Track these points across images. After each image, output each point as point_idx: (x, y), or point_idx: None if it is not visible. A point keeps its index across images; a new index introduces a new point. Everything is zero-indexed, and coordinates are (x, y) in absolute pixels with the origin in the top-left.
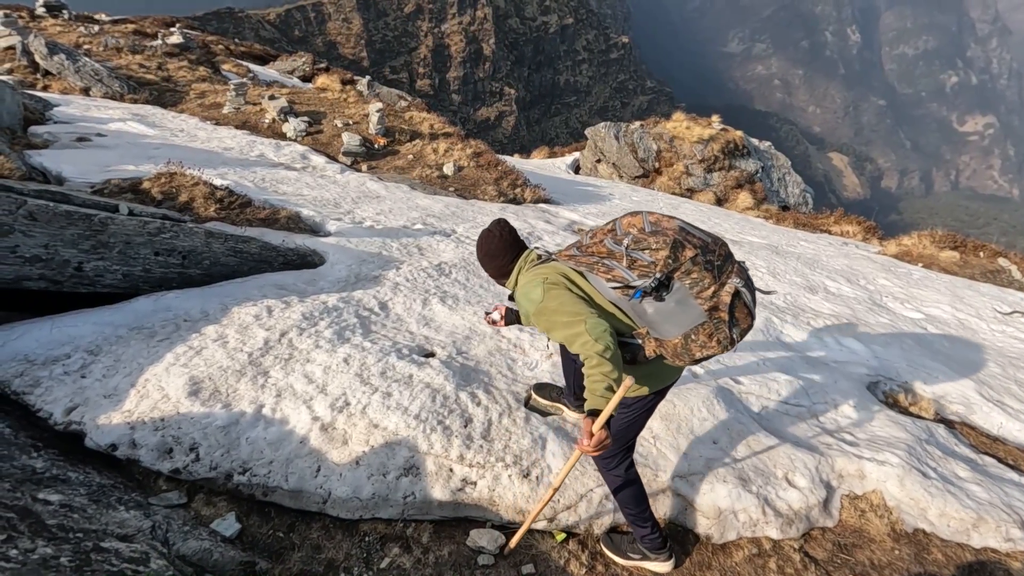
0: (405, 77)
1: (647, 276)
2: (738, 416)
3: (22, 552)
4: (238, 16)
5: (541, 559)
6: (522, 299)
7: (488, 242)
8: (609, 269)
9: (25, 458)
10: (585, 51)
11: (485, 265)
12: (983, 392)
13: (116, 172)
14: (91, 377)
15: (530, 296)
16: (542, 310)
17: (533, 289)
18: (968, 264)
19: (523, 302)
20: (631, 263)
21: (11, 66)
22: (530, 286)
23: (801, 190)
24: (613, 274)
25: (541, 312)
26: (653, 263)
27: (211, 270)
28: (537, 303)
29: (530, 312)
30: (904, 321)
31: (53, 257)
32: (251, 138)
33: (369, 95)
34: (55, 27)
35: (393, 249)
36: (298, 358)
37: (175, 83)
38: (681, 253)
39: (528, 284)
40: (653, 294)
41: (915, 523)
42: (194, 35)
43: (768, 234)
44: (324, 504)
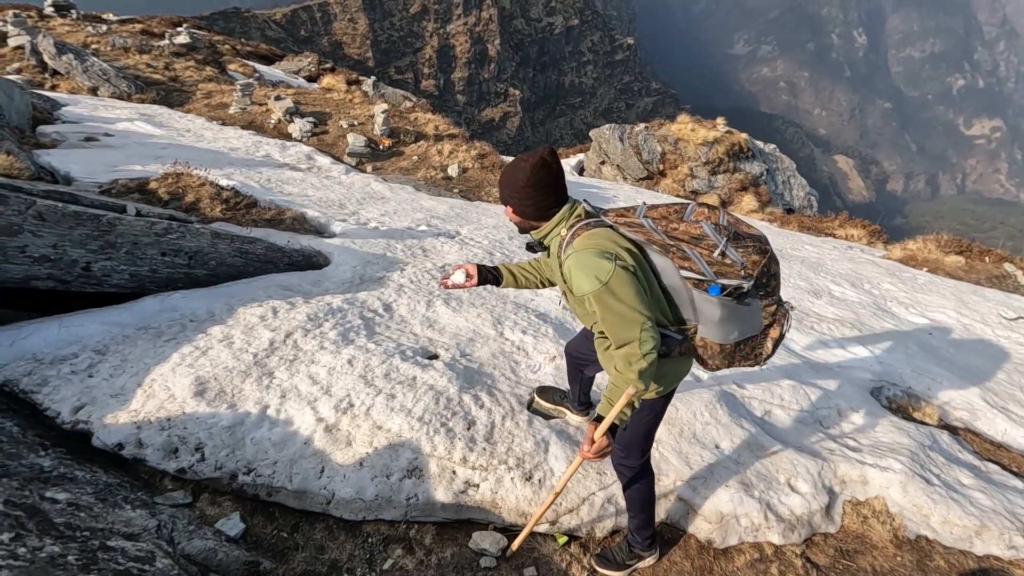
0: (410, 77)
1: (727, 276)
2: (741, 421)
3: (30, 550)
4: (245, 16)
5: (543, 562)
6: (575, 267)
7: (542, 171)
8: (686, 257)
9: (33, 456)
10: (590, 52)
11: (524, 198)
12: (988, 398)
13: (123, 172)
14: (98, 376)
15: (591, 269)
16: (603, 294)
17: (598, 263)
18: (974, 269)
19: (576, 272)
20: (718, 257)
21: (20, 65)
22: (592, 257)
23: (806, 193)
24: (690, 263)
25: (601, 295)
26: (743, 265)
27: (217, 271)
28: (600, 284)
29: (584, 287)
30: (908, 326)
31: (61, 257)
32: (257, 138)
33: (374, 96)
34: (63, 27)
35: (397, 250)
36: (303, 359)
37: (182, 83)
38: (774, 264)
39: (589, 254)
40: (736, 296)
41: (918, 530)
42: (201, 35)
43: (772, 237)
44: (328, 505)
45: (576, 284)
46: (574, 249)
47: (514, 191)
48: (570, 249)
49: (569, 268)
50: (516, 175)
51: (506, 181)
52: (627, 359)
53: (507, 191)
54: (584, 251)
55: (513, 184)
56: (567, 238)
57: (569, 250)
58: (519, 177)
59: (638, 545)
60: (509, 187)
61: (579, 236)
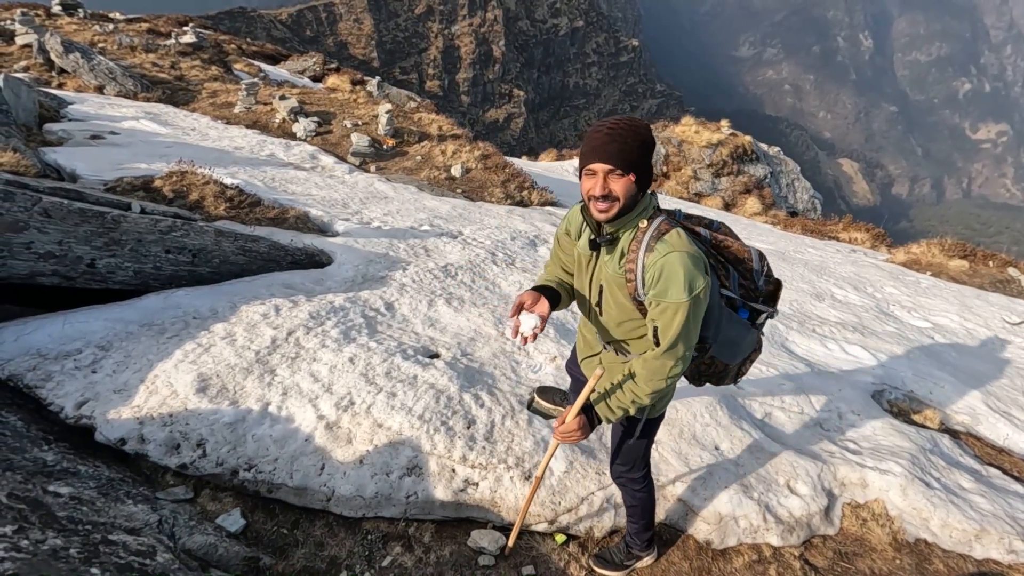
0: (415, 78)
1: (750, 299)
2: (740, 422)
3: (33, 543)
4: (250, 16)
5: (541, 561)
6: (675, 267)
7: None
8: (728, 276)
9: (36, 451)
10: (595, 54)
11: (648, 163)
12: (990, 403)
13: (129, 170)
14: (102, 372)
15: (690, 277)
16: (685, 307)
17: (696, 273)
18: (977, 273)
19: (674, 273)
20: (756, 283)
21: (27, 63)
22: (692, 264)
23: (810, 196)
24: (727, 282)
25: (681, 308)
26: (759, 292)
27: (220, 268)
28: (688, 297)
29: (672, 294)
30: (911, 330)
31: (66, 253)
32: (261, 137)
33: (379, 96)
34: (71, 25)
35: (400, 250)
36: (304, 357)
37: (187, 82)
38: (780, 293)
39: (689, 258)
40: (755, 320)
41: (917, 533)
42: (207, 34)
43: (775, 240)
44: (328, 502)
45: (664, 286)
46: (672, 247)
47: (643, 153)
48: (665, 245)
49: (662, 266)
50: (639, 135)
51: (628, 144)
52: (653, 375)
53: (633, 155)
54: (686, 253)
55: (642, 145)
56: (650, 231)
57: (663, 246)
58: (644, 136)
59: (636, 546)
60: (635, 150)
61: (669, 232)
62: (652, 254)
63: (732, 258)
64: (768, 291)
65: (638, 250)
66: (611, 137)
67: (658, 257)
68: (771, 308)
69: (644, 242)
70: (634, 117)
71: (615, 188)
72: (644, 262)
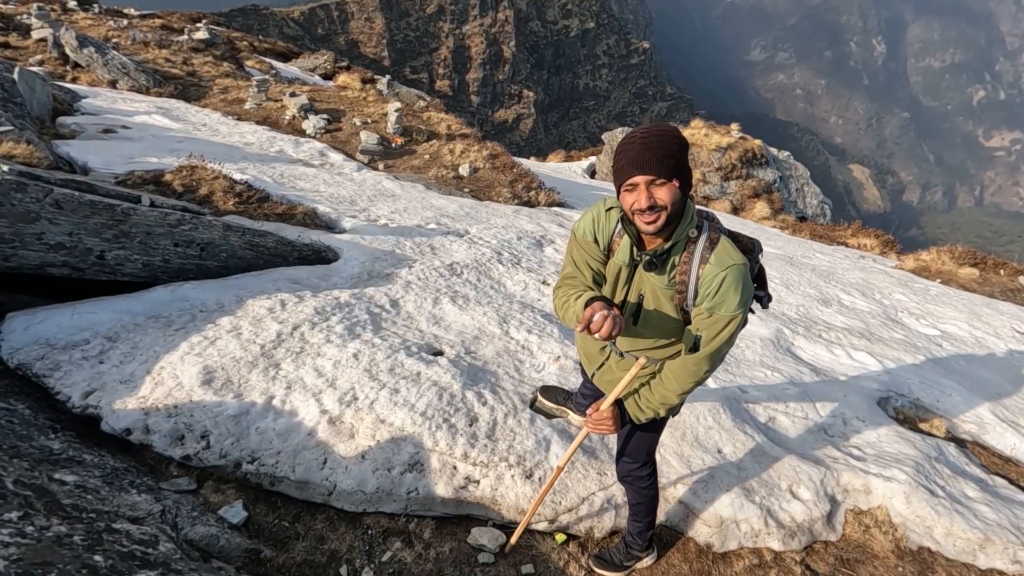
0: (425, 77)
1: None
2: (744, 426)
3: (37, 529)
4: (263, 13)
5: (541, 560)
6: (734, 281)
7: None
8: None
9: (43, 439)
10: (605, 56)
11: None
12: (997, 412)
13: (139, 164)
14: (108, 363)
15: (746, 291)
16: (736, 320)
17: (750, 286)
18: (988, 282)
19: (733, 287)
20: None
21: (42, 57)
22: (746, 273)
23: (819, 201)
24: None
25: (733, 320)
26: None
27: (228, 262)
28: (741, 311)
29: (731, 307)
30: (919, 337)
31: (76, 245)
32: (271, 134)
33: (388, 94)
34: (85, 20)
35: (406, 247)
36: (309, 352)
37: (199, 78)
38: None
39: (743, 270)
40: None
41: (920, 541)
42: (219, 31)
43: (783, 245)
44: (329, 496)
45: (722, 299)
46: (729, 260)
47: (683, 156)
48: (720, 258)
49: (721, 279)
50: (673, 138)
51: (666, 150)
52: (689, 376)
53: (673, 160)
54: (742, 266)
55: (679, 148)
56: (701, 241)
57: (719, 259)
58: (678, 138)
59: (636, 546)
60: (673, 154)
61: (720, 243)
62: (708, 266)
63: (742, 248)
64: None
65: (691, 262)
66: (646, 146)
67: (716, 270)
68: (766, 292)
69: (697, 253)
70: (661, 122)
71: (660, 197)
72: (699, 274)
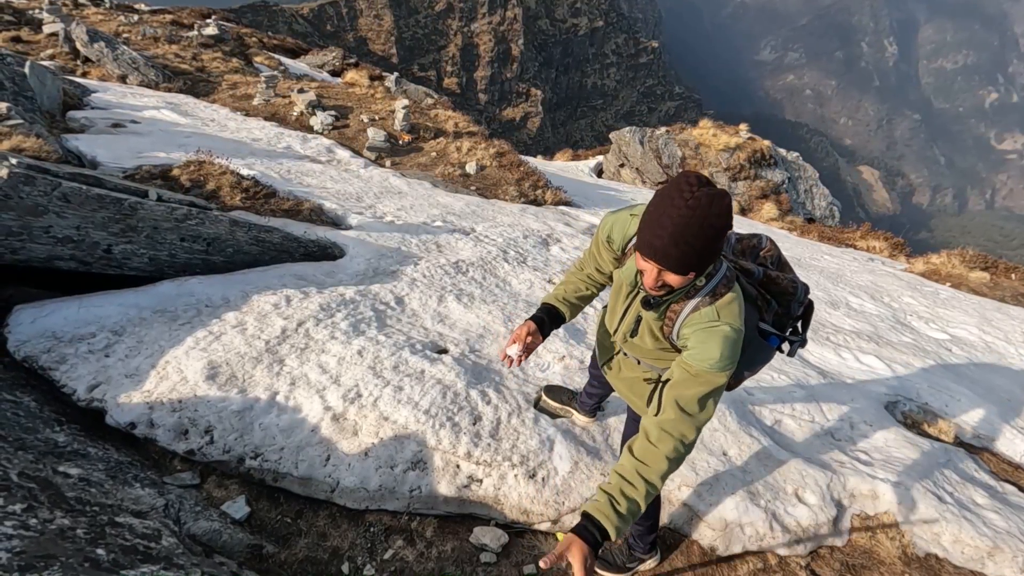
0: (433, 75)
1: (781, 326)
2: (750, 429)
3: (41, 521)
4: (273, 9)
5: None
6: (712, 338)
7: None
8: (768, 308)
9: (48, 432)
10: (614, 55)
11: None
12: (1007, 418)
13: (148, 159)
14: (114, 356)
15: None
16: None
17: (733, 351)
18: (999, 286)
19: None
20: (783, 309)
21: (53, 52)
22: (733, 340)
23: (828, 203)
24: (766, 316)
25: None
26: (792, 317)
27: (234, 258)
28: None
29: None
30: (928, 341)
31: (84, 238)
32: (279, 130)
33: (396, 92)
34: (96, 15)
35: (412, 245)
36: (313, 348)
37: (208, 73)
38: (812, 314)
39: (733, 333)
40: (785, 347)
41: (927, 547)
42: (229, 27)
43: (791, 246)
44: (332, 493)
45: (701, 352)
46: (721, 319)
47: (708, 250)
48: (714, 313)
49: (706, 335)
50: (709, 233)
51: (693, 249)
52: (673, 450)
53: (696, 257)
54: (733, 330)
55: (710, 245)
56: (705, 289)
57: (713, 313)
58: (716, 228)
59: (639, 548)
60: (701, 253)
61: (724, 297)
62: (697, 314)
63: (778, 292)
64: (797, 316)
65: (685, 304)
66: (674, 240)
67: (704, 323)
68: (801, 336)
69: (696, 299)
70: (716, 195)
71: (670, 280)
72: (686, 317)
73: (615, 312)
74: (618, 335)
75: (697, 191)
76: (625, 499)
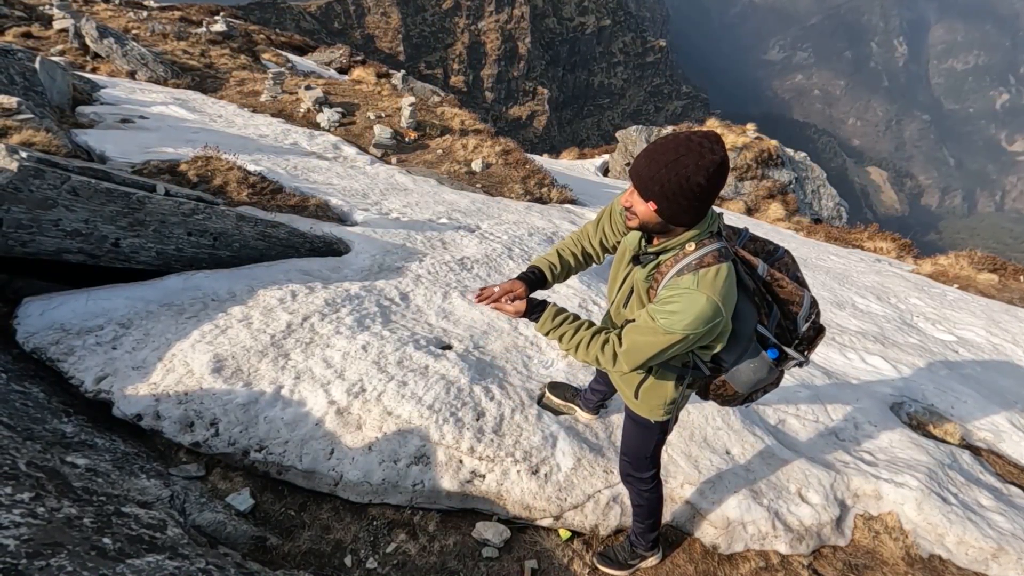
0: (440, 72)
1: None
2: (753, 428)
3: (48, 511)
4: (281, 7)
5: (545, 556)
6: (685, 302)
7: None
8: (769, 313)
9: (56, 422)
10: (621, 53)
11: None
12: (1014, 420)
13: (156, 154)
14: (121, 349)
15: (693, 315)
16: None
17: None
18: (1007, 288)
19: (680, 305)
20: (787, 322)
21: (63, 48)
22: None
23: (835, 203)
24: (766, 320)
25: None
26: (798, 335)
27: (240, 252)
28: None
29: (668, 314)
30: (934, 343)
31: (92, 232)
32: (286, 126)
33: (403, 89)
34: (106, 11)
35: (417, 241)
36: (318, 343)
37: (216, 70)
38: (821, 339)
39: (707, 304)
40: (782, 361)
41: (931, 549)
42: (237, 24)
43: (798, 246)
44: (335, 486)
45: (669, 308)
46: (701, 287)
47: (673, 190)
48: (695, 280)
49: (680, 297)
50: (682, 170)
51: (661, 173)
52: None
53: (659, 186)
54: (709, 300)
55: (676, 181)
56: (692, 256)
57: (694, 279)
58: (689, 175)
59: (641, 546)
60: (665, 182)
61: (709, 267)
62: (680, 279)
63: (781, 298)
64: (808, 336)
65: (672, 267)
66: (647, 158)
67: (683, 286)
68: (803, 356)
69: (681, 263)
70: (690, 144)
71: (636, 206)
72: (669, 281)
73: (616, 279)
74: (614, 306)
75: (698, 137)
76: (558, 327)
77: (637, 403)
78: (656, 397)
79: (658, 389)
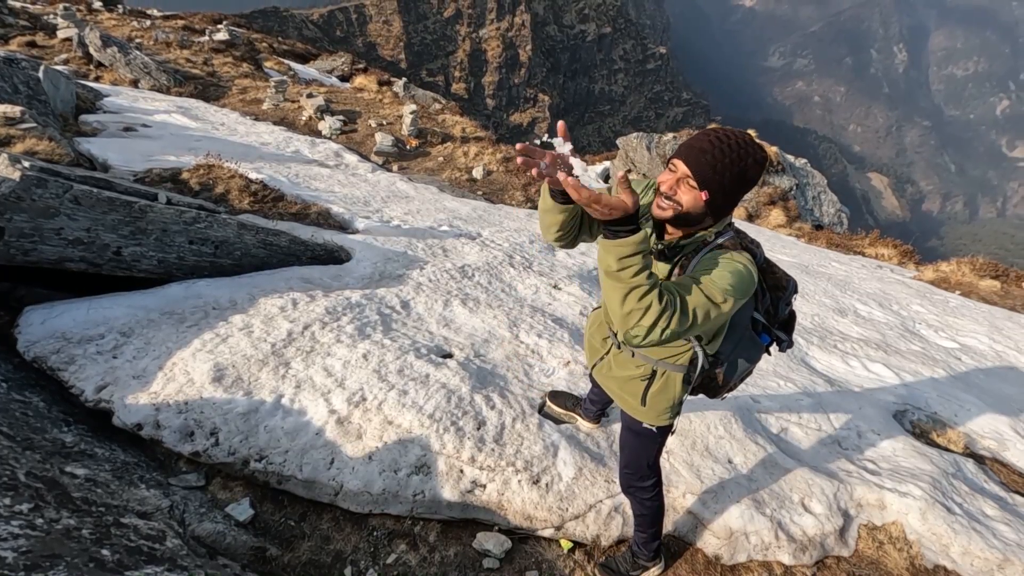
0: (441, 80)
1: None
2: (756, 436)
3: (47, 521)
4: (283, 15)
5: (546, 566)
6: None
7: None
8: (762, 299)
9: (56, 432)
10: (622, 60)
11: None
12: (1018, 428)
13: (158, 162)
14: (122, 358)
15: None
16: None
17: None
18: (1010, 294)
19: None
20: (773, 308)
21: (67, 56)
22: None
23: (836, 209)
24: (760, 305)
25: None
26: (778, 318)
27: (241, 261)
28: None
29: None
30: (937, 350)
31: (94, 240)
32: (288, 134)
33: (404, 96)
34: (110, 20)
35: (418, 249)
36: (319, 351)
37: (219, 78)
38: (795, 323)
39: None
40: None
41: (936, 559)
42: (240, 32)
43: (799, 253)
44: (335, 496)
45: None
46: (732, 257)
47: (734, 181)
48: (729, 254)
49: (718, 260)
50: (739, 163)
51: (726, 163)
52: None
53: (719, 178)
54: (742, 264)
55: (739, 172)
56: (712, 243)
57: (723, 251)
58: (748, 168)
59: (643, 556)
60: (728, 172)
61: (733, 250)
62: (710, 254)
63: (772, 284)
64: (783, 319)
65: (697, 255)
66: (712, 146)
67: (716, 256)
68: (789, 337)
69: (704, 251)
70: (757, 145)
71: (682, 195)
72: (698, 260)
73: None
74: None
75: (747, 135)
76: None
77: (644, 410)
78: (664, 400)
79: (666, 392)
